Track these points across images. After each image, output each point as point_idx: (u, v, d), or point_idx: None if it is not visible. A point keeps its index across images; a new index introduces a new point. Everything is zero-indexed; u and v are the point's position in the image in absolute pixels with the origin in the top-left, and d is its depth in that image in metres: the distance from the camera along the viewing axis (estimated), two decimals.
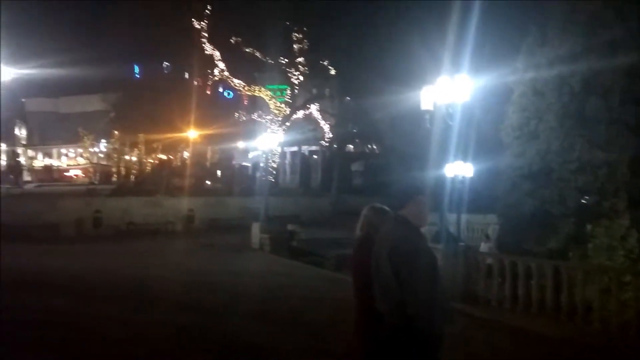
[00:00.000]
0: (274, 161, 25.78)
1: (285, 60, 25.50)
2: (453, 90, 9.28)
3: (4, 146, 71.86)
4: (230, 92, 34.90)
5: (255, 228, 15.98)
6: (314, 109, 27.32)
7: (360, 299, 3.42)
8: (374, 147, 33.35)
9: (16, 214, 17.14)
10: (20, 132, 77.93)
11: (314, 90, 28.90)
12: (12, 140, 73.85)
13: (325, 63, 25.12)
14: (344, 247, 13.95)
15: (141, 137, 40.99)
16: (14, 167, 45.84)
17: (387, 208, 3.47)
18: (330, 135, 27.89)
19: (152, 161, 42.27)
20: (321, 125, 27.87)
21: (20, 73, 45.46)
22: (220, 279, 10.55)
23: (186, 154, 38.27)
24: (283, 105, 25.78)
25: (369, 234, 3.48)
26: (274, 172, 26.32)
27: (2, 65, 40.28)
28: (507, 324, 6.84)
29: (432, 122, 10.50)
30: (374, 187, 25.99)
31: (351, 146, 33.00)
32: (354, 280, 3.56)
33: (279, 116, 25.55)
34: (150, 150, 42.37)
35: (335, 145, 28.84)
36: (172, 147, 39.50)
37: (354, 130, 30.32)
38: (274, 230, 15.84)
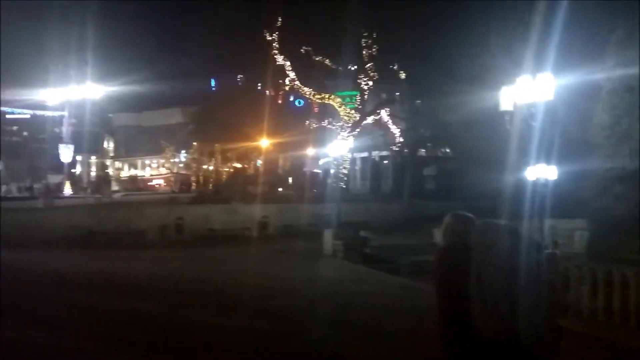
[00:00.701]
0: (344, 167, 25.82)
1: (355, 66, 25.55)
2: (535, 89, 8.84)
3: (94, 158, 77.68)
4: (301, 101, 35.51)
5: (328, 234, 16.04)
6: (384, 113, 27.12)
7: (446, 310, 3.30)
8: (447, 150, 32.50)
9: (105, 222, 18.41)
10: (108, 145, 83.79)
11: (384, 95, 28.71)
12: (101, 153, 79.62)
13: (395, 67, 24.87)
14: (418, 254, 13.68)
15: (217, 146, 42.79)
16: (103, 178, 49.29)
17: (471, 215, 3.36)
18: (401, 140, 27.52)
19: (228, 170, 43.88)
20: (391, 130, 27.60)
21: (108, 90, 49.03)
22: (296, 284, 10.66)
23: (259, 162, 39.33)
24: (353, 112, 25.79)
25: (453, 243, 3.36)
26: (345, 179, 26.34)
27: (92, 83, 43.58)
28: (603, 337, 6.34)
29: (511, 123, 10.05)
30: (447, 192, 25.32)
31: (423, 150, 32.36)
32: (439, 291, 3.44)
33: (349, 122, 25.60)
34: (226, 159, 44.07)
35: (406, 150, 28.41)
36: (246, 156, 40.83)
37: (426, 134, 29.72)
38: (347, 236, 15.82)
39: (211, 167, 47.50)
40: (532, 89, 8.91)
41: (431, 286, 3.39)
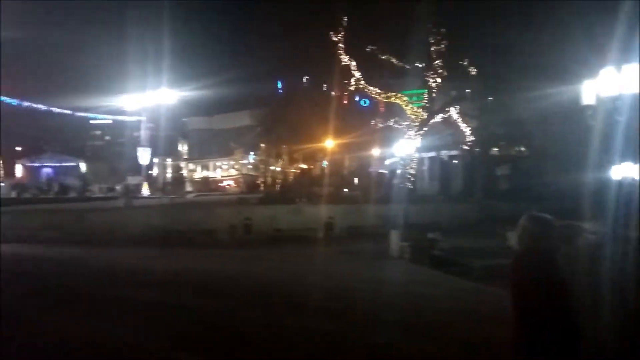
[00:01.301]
0: (411, 167, 25.24)
1: (422, 64, 24.91)
2: (620, 81, 8.10)
3: (169, 161, 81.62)
4: (367, 100, 35.19)
5: (394, 236, 15.70)
6: (453, 111, 26.20)
7: (522, 318, 3.07)
8: (522, 149, 30.90)
9: (179, 221, 19.17)
10: (183, 148, 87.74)
11: (453, 93, 27.76)
12: (176, 156, 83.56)
13: (465, 63, 23.95)
14: (491, 258, 13.01)
15: (284, 148, 43.47)
16: (178, 179, 51.58)
17: (549, 217, 3.10)
18: (472, 139, 26.47)
19: (294, 170, 44.45)
20: (461, 128, 26.61)
21: (181, 95, 51.32)
22: (362, 286, 10.49)
23: (325, 163, 39.48)
24: (420, 110, 25.17)
25: (530, 247, 3.11)
26: (412, 179, 25.74)
27: (167, 89, 45.77)
28: None
29: (594, 118, 9.30)
30: (522, 192, 24.04)
31: (495, 149, 30.95)
32: (515, 298, 3.20)
33: (416, 121, 25.00)
34: (292, 161, 44.69)
35: (477, 149, 27.30)
36: (312, 157, 41.15)
37: (499, 132, 28.39)
38: (414, 238, 15.40)
39: (278, 168, 48.37)
40: (617, 81, 8.18)
41: (506, 292, 3.19)
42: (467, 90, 28.03)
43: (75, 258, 13.73)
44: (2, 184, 44.77)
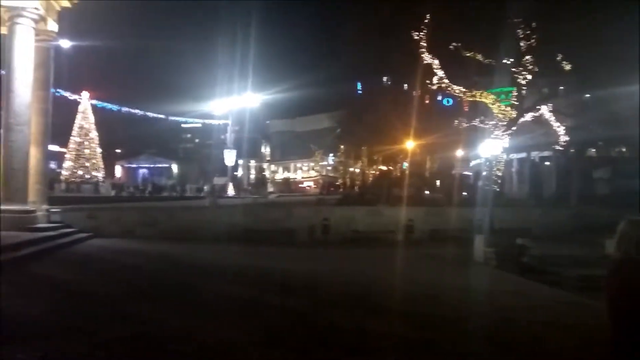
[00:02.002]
0: (498, 169, 23.94)
1: (510, 60, 23.56)
2: None
3: (253, 162, 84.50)
4: (450, 100, 34.06)
5: (479, 241, 15.00)
6: (545, 109, 24.53)
7: (621, 332, 2.79)
8: (623, 149, 28.32)
9: (260, 221, 19.66)
10: (265, 150, 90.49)
11: (545, 90, 26.01)
12: (259, 157, 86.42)
13: (559, 58, 22.32)
14: (586, 267, 11.98)
15: (363, 149, 43.30)
16: (261, 180, 53.20)
17: None
18: (566, 139, 24.63)
19: (374, 172, 44.12)
20: (554, 127, 24.85)
21: (264, 99, 52.86)
22: (444, 292, 10.06)
23: (405, 164, 38.77)
24: (508, 109, 23.82)
25: (630, 256, 2.82)
26: (499, 181, 24.43)
27: (251, 93, 47.28)
28: None
29: None
30: (623, 197, 22.00)
31: (593, 150, 28.64)
32: (613, 310, 2.90)
33: (503, 121, 23.70)
34: (371, 162, 44.40)
35: (572, 150, 25.38)
36: (392, 158, 40.57)
37: (597, 132, 26.21)
38: (501, 243, 14.64)
39: (357, 170, 48.29)
40: None
41: (603, 303, 2.94)
42: (560, 87, 26.17)
43: (168, 253, 14.51)
44: (104, 184, 48.67)
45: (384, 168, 42.76)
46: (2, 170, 14.91)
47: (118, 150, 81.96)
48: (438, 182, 36.07)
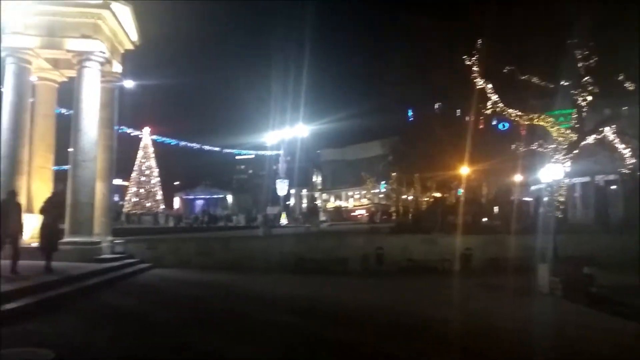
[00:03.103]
0: (560, 194, 22.90)
1: (569, 81, 22.76)
2: None
3: (305, 191, 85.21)
4: (505, 124, 33.12)
5: (543, 270, 14.25)
6: (608, 131, 23.39)
7: None
8: None
9: (313, 250, 19.63)
10: (317, 179, 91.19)
11: (607, 111, 24.85)
12: (310, 186, 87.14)
13: (621, 78, 21.33)
14: None
15: (416, 176, 42.66)
16: (313, 209, 53.50)
17: None
18: (633, 161, 23.27)
19: (427, 199, 43.27)
20: (619, 150, 23.59)
21: (315, 129, 53.62)
22: (507, 325, 9.55)
23: (460, 191, 37.80)
24: (569, 132, 22.89)
25: None
26: (562, 207, 23.31)
27: (302, 124, 48.07)
28: None
29: None
30: None
31: None
32: None
33: (564, 144, 22.77)
34: (424, 189, 43.62)
35: None
36: (446, 185, 39.70)
37: None
38: (567, 273, 13.80)
39: (410, 197, 47.56)
40: None
41: None
42: (624, 108, 24.89)
43: (223, 283, 14.77)
44: (163, 215, 50.53)
45: (438, 195, 41.86)
46: (70, 204, 15.82)
47: (176, 183, 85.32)
48: (496, 209, 34.83)
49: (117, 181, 43.11)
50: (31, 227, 14.58)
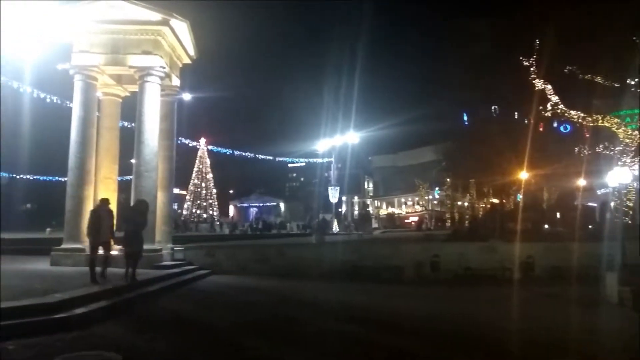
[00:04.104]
0: (629, 199, 21.64)
1: (635, 80, 21.53)
2: None
3: (356, 198, 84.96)
4: (567, 126, 31.71)
5: (612, 279, 13.44)
6: None
7: None
8: None
9: (366, 257, 19.47)
10: (368, 186, 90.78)
11: None
12: (362, 193, 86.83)
13: None
14: None
15: (472, 182, 41.55)
16: (365, 216, 53.23)
17: None
18: None
19: (484, 205, 42.01)
20: None
21: (366, 135, 53.44)
22: (573, 337, 9.06)
23: (519, 197, 36.44)
24: (636, 133, 21.63)
25: None
26: (631, 212, 21.99)
27: (353, 131, 48.07)
28: None
29: None
30: None
31: None
32: None
33: (632, 146, 21.52)
34: (481, 195, 42.39)
35: None
36: (504, 190, 38.38)
37: None
38: (637, 282, 12.97)
39: (466, 203, 46.33)
40: None
41: None
42: None
43: (279, 290, 14.95)
44: (218, 223, 51.87)
45: (496, 201, 40.52)
46: None
47: (231, 191, 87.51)
48: (558, 215, 33.29)
49: (176, 190, 44.73)
50: None
